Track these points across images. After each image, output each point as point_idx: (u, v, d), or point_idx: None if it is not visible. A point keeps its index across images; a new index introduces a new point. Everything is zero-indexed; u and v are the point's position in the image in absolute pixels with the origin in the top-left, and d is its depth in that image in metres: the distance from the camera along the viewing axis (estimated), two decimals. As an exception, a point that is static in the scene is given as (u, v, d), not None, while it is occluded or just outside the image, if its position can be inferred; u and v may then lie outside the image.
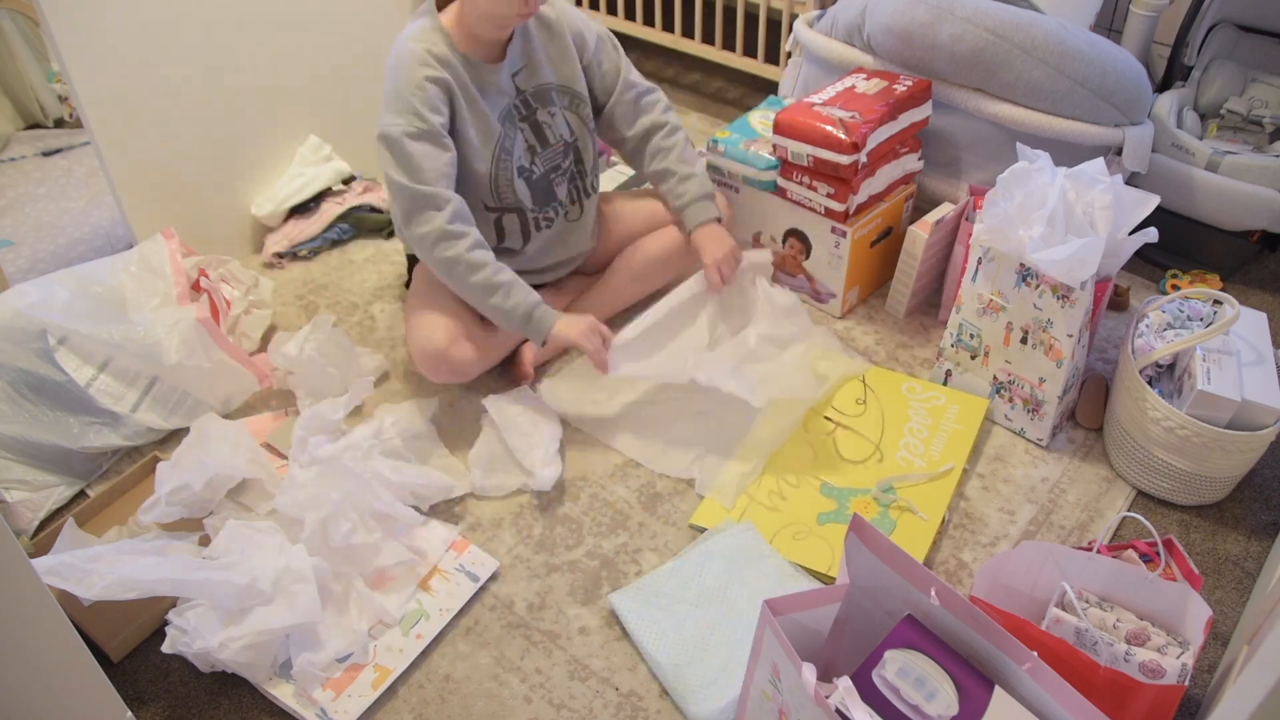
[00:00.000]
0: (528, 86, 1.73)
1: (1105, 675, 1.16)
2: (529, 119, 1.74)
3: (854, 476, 1.64)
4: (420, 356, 1.70)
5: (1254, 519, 1.60)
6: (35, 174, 2.54)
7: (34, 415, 1.64)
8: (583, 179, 1.85)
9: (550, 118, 1.77)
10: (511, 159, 1.73)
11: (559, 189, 1.81)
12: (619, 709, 1.36)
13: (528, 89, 1.73)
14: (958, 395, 1.75)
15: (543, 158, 1.77)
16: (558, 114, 1.78)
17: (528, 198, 1.77)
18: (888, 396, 1.77)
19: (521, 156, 1.74)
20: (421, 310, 1.73)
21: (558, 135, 1.78)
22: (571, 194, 1.84)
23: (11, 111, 2.69)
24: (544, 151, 1.77)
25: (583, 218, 1.87)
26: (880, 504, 1.59)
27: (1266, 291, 2.07)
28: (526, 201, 1.77)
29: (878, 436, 1.70)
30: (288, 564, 1.38)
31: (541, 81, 1.75)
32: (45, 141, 2.67)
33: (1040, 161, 1.60)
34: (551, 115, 1.77)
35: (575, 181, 1.84)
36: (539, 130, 1.76)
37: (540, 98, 1.75)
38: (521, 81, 1.72)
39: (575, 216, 1.86)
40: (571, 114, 1.79)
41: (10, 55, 2.60)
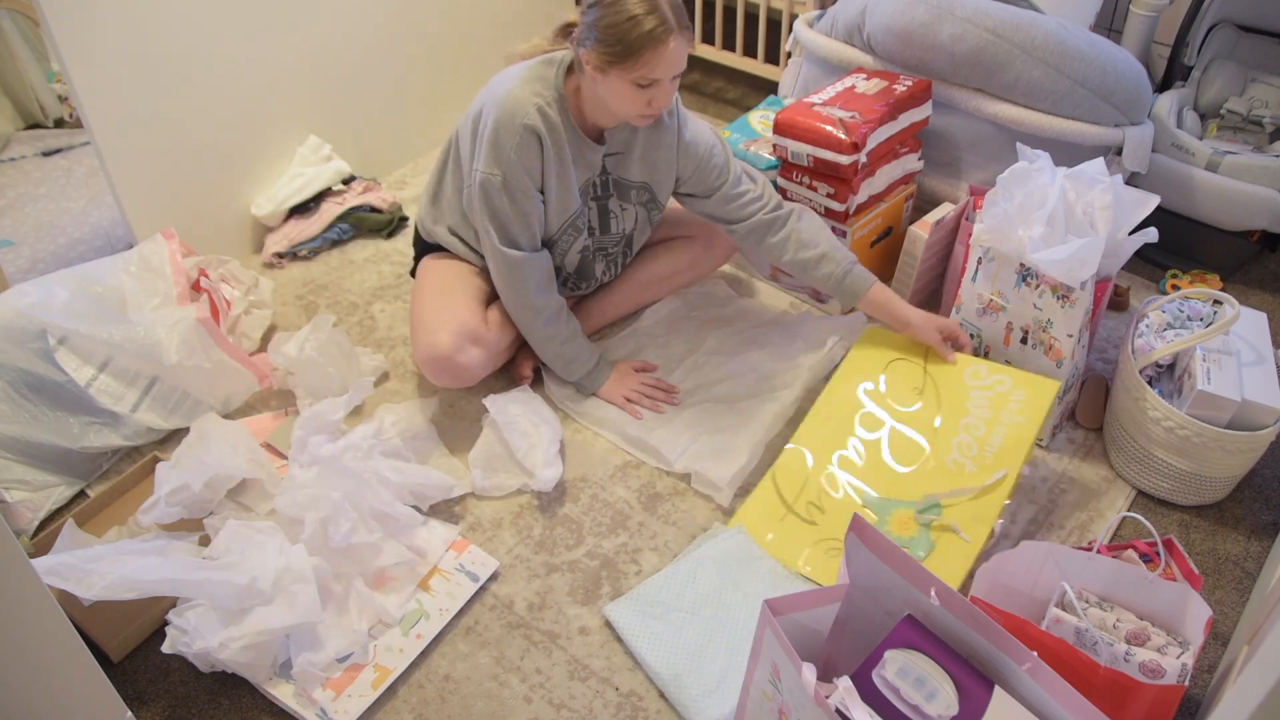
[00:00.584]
0: (613, 173, 1.72)
1: (1105, 675, 1.16)
2: (600, 201, 1.73)
3: (900, 486, 1.56)
4: (425, 361, 1.70)
5: (1254, 519, 1.60)
6: (35, 174, 2.54)
7: (34, 415, 1.64)
8: (625, 259, 1.88)
9: (620, 210, 1.77)
10: (579, 233, 1.73)
11: (597, 265, 1.83)
12: (619, 709, 1.36)
13: (613, 175, 1.72)
14: (1024, 378, 1.60)
15: (597, 240, 1.78)
16: (629, 209, 1.77)
17: (573, 266, 1.79)
18: (947, 386, 1.64)
19: (579, 235, 1.74)
20: (427, 311, 1.73)
21: (620, 227, 1.79)
22: (608, 270, 1.87)
23: (11, 111, 2.69)
24: (601, 236, 1.78)
25: (597, 288, 1.92)
26: (920, 523, 1.52)
27: (1266, 291, 2.07)
28: (568, 269, 1.79)
29: (931, 436, 1.60)
30: (288, 564, 1.38)
31: (627, 175, 1.73)
32: (45, 141, 2.67)
33: (1040, 161, 1.60)
34: (623, 209, 1.77)
35: (617, 261, 1.86)
36: (604, 216, 1.76)
37: (619, 187, 1.74)
38: (611, 165, 1.71)
39: (606, 280, 1.90)
40: (641, 210, 1.79)
41: (10, 55, 2.60)
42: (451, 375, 1.70)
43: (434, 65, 2.45)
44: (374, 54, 2.30)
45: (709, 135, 1.75)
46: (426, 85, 2.45)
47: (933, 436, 1.60)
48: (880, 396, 1.67)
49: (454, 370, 1.69)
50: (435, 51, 2.43)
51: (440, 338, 1.67)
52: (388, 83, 2.37)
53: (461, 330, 1.68)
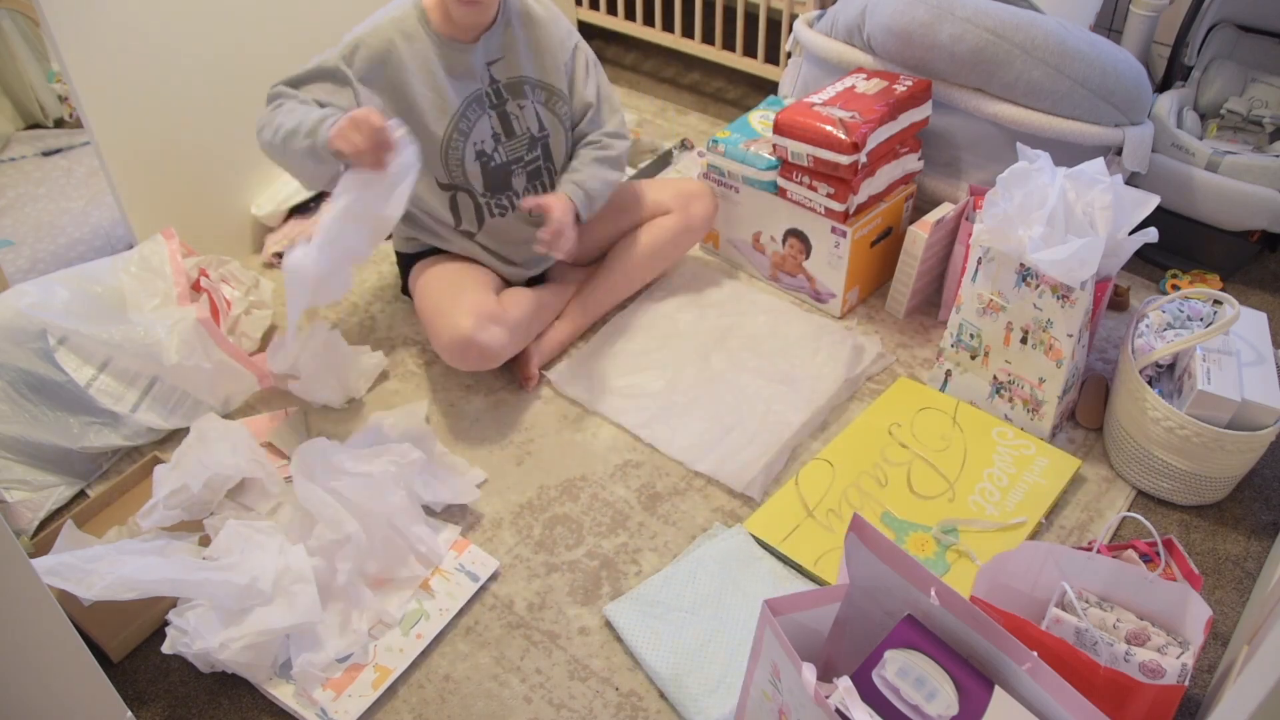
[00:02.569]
0: (502, 76, 1.75)
1: (1105, 675, 1.16)
2: (498, 108, 1.75)
3: (919, 512, 1.58)
4: (448, 344, 1.71)
5: (1254, 519, 1.60)
6: (35, 174, 2.54)
7: (34, 415, 1.64)
8: (550, 175, 1.86)
9: (519, 110, 1.78)
10: (467, 139, 1.74)
11: (516, 180, 1.82)
12: (619, 709, 1.36)
13: (501, 79, 1.75)
14: (1049, 450, 1.67)
15: (506, 147, 1.78)
16: (528, 107, 1.79)
17: (479, 181, 1.78)
18: (974, 437, 1.70)
19: (485, 141, 1.75)
20: (442, 302, 1.75)
21: (524, 127, 1.79)
22: (534, 189, 1.85)
23: (11, 111, 2.69)
24: (508, 141, 1.78)
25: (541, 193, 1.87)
26: (939, 544, 1.53)
27: (1266, 291, 2.07)
28: (477, 185, 1.78)
29: (954, 475, 1.64)
30: (288, 564, 1.38)
31: (517, 74, 1.76)
32: (45, 141, 2.66)
33: (1040, 161, 1.60)
34: (521, 108, 1.78)
35: (540, 177, 1.85)
36: (506, 120, 1.77)
37: (513, 89, 1.76)
38: (497, 71, 1.74)
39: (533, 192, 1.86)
40: (545, 109, 1.80)
41: (10, 55, 2.60)
42: (477, 355, 1.71)
43: (434, 65, 2.44)
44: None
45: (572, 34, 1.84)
46: (426, 85, 2.45)
47: (956, 477, 1.64)
48: (908, 435, 1.72)
49: (479, 350, 1.70)
50: (435, 51, 2.43)
51: (460, 320, 1.69)
52: (388, 83, 2.36)
53: (480, 311, 1.71)
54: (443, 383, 1.88)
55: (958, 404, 1.77)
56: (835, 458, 1.68)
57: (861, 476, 1.65)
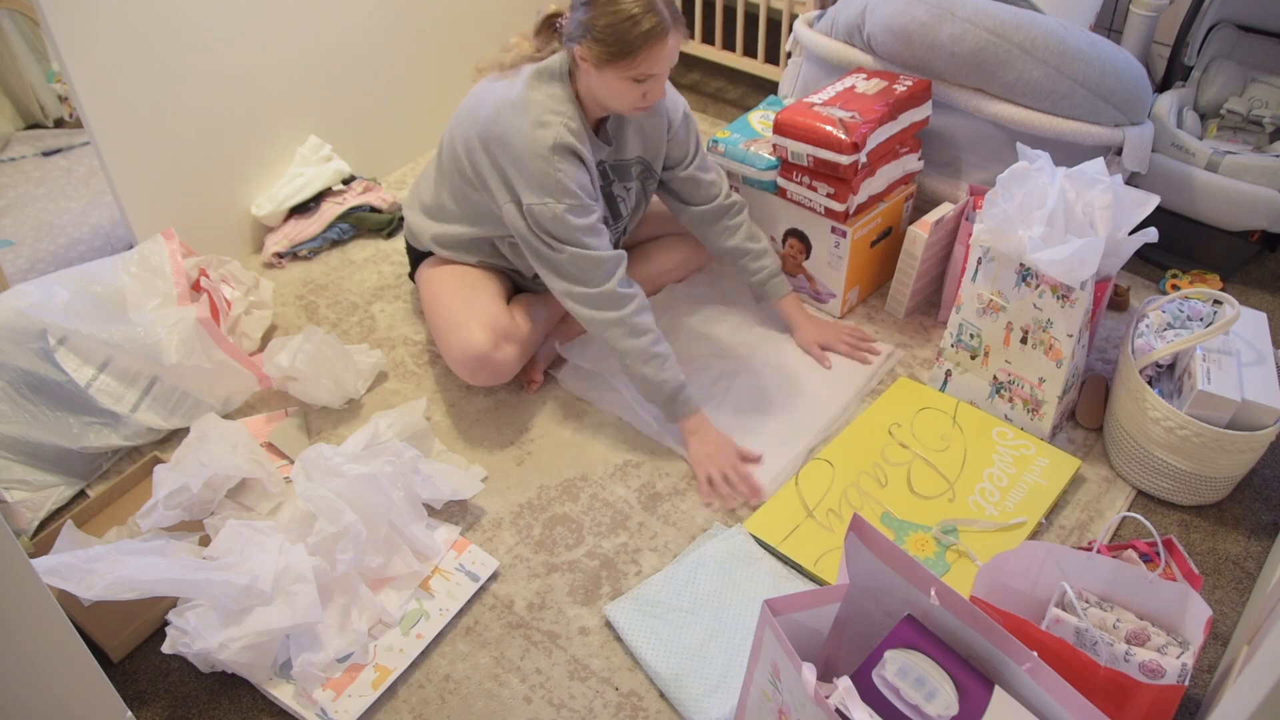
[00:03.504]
0: (610, 159, 1.71)
1: (1105, 675, 1.16)
2: (605, 189, 1.73)
3: (919, 512, 1.58)
4: (463, 360, 1.70)
5: (1254, 519, 1.60)
6: (35, 174, 2.54)
7: (34, 415, 1.64)
8: (621, 236, 1.87)
9: (625, 192, 1.77)
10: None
11: None
12: (619, 709, 1.36)
13: (609, 161, 1.71)
14: (1049, 450, 1.67)
15: (612, 229, 1.77)
16: (632, 187, 1.77)
17: None
18: (974, 437, 1.70)
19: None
20: (455, 312, 1.73)
21: (627, 208, 1.79)
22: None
23: (11, 111, 2.69)
24: (614, 224, 1.78)
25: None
26: (940, 544, 1.53)
27: (1266, 291, 2.07)
28: None
29: (954, 475, 1.64)
30: (288, 564, 1.38)
31: (625, 156, 1.73)
32: (45, 141, 2.66)
33: (1040, 161, 1.60)
34: (627, 190, 1.77)
35: (617, 239, 1.86)
36: (611, 202, 1.75)
37: (620, 171, 1.74)
38: (607, 154, 1.70)
39: None
40: (637, 184, 1.79)
41: (10, 55, 2.60)
42: (489, 372, 1.71)
43: (434, 65, 2.45)
44: (374, 54, 2.30)
45: (684, 103, 1.81)
46: (427, 85, 2.45)
47: (956, 477, 1.64)
48: (908, 435, 1.72)
49: (492, 367, 1.70)
50: (435, 52, 2.43)
51: (476, 336, 1.68)
52: (388, 83, 2.37)
53: (495, 327, 1.70)
54: (443, 383, 1.88)
55: (958, 404, 1.77)
56: (835, 458, 1.68)
57: (861, 476, 1.65)
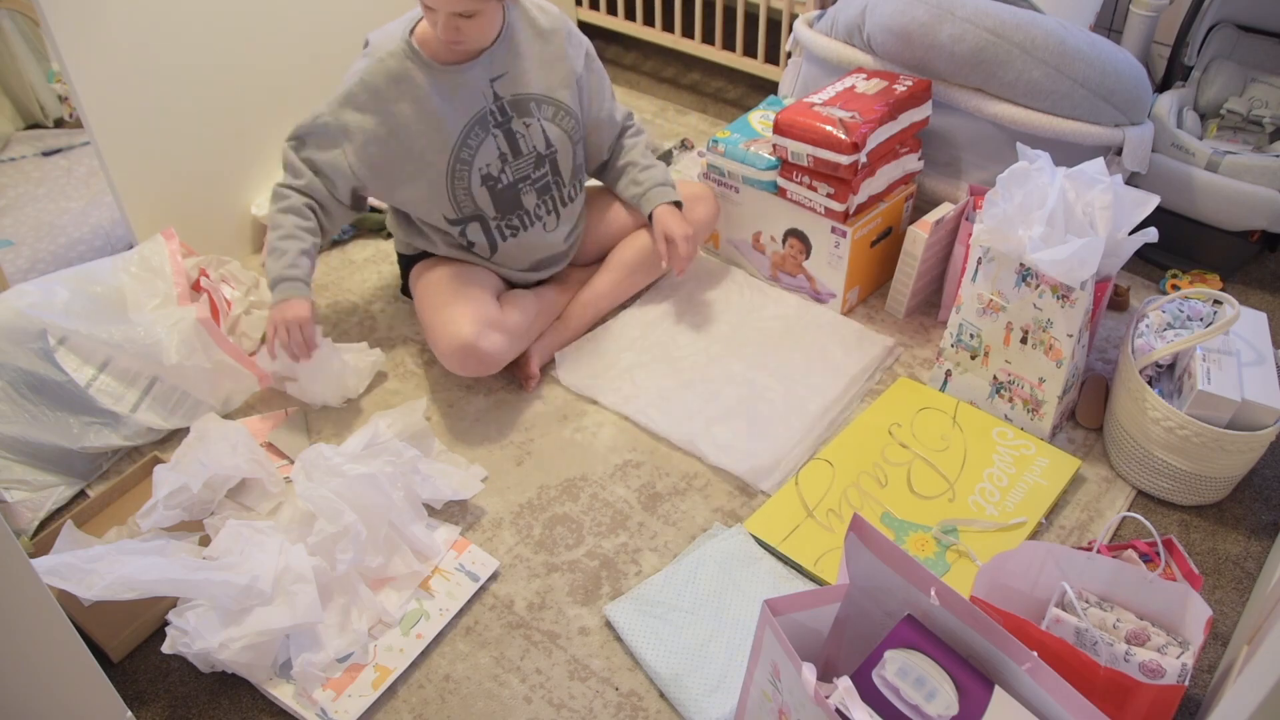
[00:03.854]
0: (506, 93, 1.72)
1: (1105, 675, 1.16)
2: (503, 126, 1.73)
3: (919, 512, 1.58)
4: (448, 351, 1.71)
5: (1254, 519, 1.60)
6: (35, 174, 2.54)
7: (34, 415, 1.64)
8: (559, 189, 1.85)
9: (525, 128, 1.76)
10: (471, 167, 1.72)
11: (526, 198, 1.81)
12: (619, 709, 1.36)
13: (506, 95, 1.72)
14: (1049, 449, 1.67)
15: (513, 167, 1.77)
16: (534, 124, 1.77)
17: (489, 205, 1.77)
18: (975, 437, 1.70)
19: (490, 164, 1.74)
20: (440, 307, 1.75)
21: (531, 146, 1.78)
22: (544, 204, 1.84)
23: (11, 111, 2.69)
24: (515, 160, 1.76)
25: (559, 226, 1.88)
26: (940, 544, 1.53)
27: (1266, 291, 2.07)
28: (488, 210, 1.77)
29: (954, 475, 1.64)
30: (288, 564, 1.38)
31: (521, 90, 1.74)
32: (45, 141, 2.66)
33: (1040, 161, 1.60)
34: (527, 125, 1.76)
35: (550, 192, 1.83)
36: (512, 139, 1.75)
37: (518, 106, 1.74)
38: (500, 87, 1.72)
39: (552, 226, 1.87)
40: (553, 125, 1.78)
41: (10, 55, 2.60)
42: (477, 362, 1.72)
43: (434, 65, 2.44)
44: (374, 54, 2.30)
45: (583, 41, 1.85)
46: (426, 85, 2.45)
47: (956, 477, 1.64)
48: (908, 435, 1.72)
49: (478, 356, 1.70)
50: (435, 51, 2.43)
51: (462, 326, 1.69)
52: (388, 83, 2.36)
53: (480, 318, 1.71)
54: (443, 382, 1.88)
55: (958, 404, 1.77)
56: (835, 458, 1.68)
57: (861, 476, 1.65)
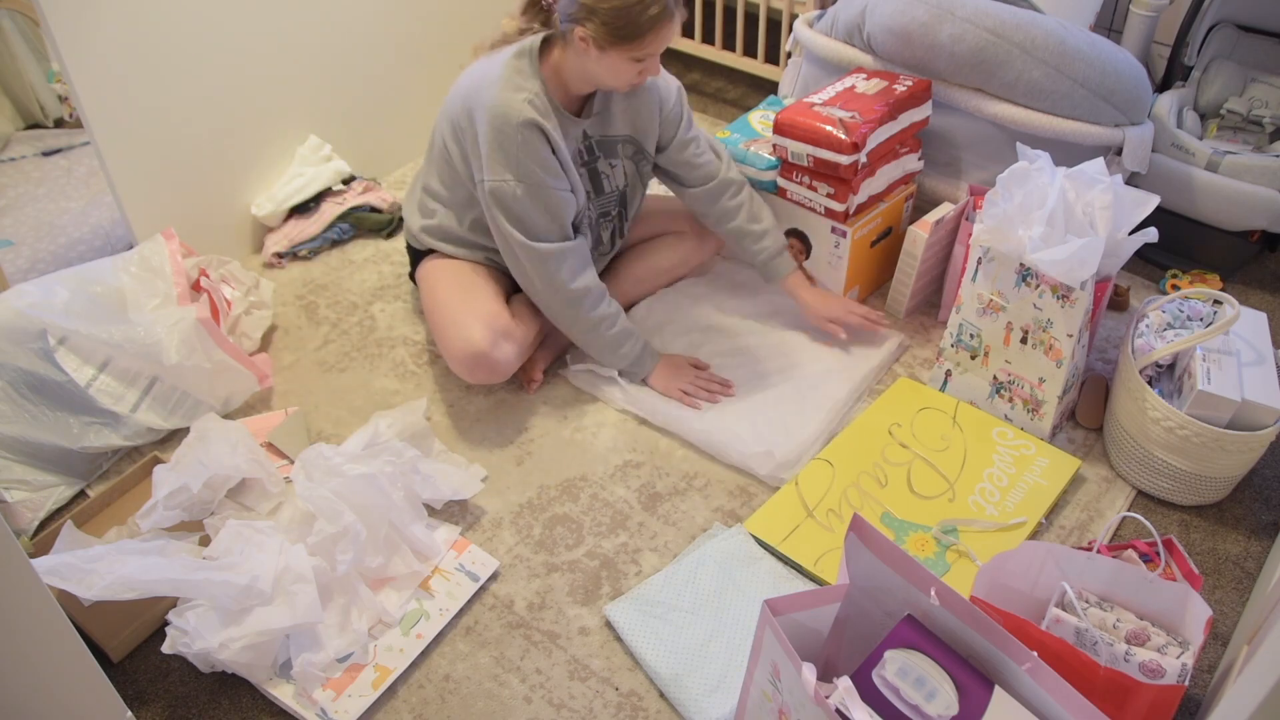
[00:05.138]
0: (595, 134, 1.73)
1: (1105, 675, 1.16)
2: (589, 165, 1.74)
3: (919, 512, 1.58)
4: (462, 359, 1.70)
5: (1254, 519, 1.60)
6: (35, 174, 2.54)
7: (34, 415, 1.64)
8: (623, 222, 1.88)
9: (610, 168, 1.77)
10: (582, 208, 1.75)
11: (604, 233, 1.85)
12: (619, 709, 1.36)
13: (594, 136, 1.73)
14: (1049, 449, 1.67)
15: (596, 204, 1.79)
16: (618, 165, 1.78)
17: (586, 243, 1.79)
18: (975, 437, 1.71)
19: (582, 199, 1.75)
20: (454, 311, 1.74)
21: (614, 185, 1.80)
22: (612, 238, 1.88)
23: (11, 111, 2.69)
24: (598, 199, 1.78)
25: (610, 253, 1.92)
26: (940, 544, 1.53)
27: (1266, 291, 2.07)
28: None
29: (954, 475, 1.64)
30: (288, 564, 1.38)
31: (609, 132, 1.74)
32: (45, 141, 2.66)
33: (1040, 161, 1.60)
34: (612, 166, 1.77)
35: (617, 225, 1.87)
36: (596, 178, 1.76)
37: (605, 147, 1.75)
38: (590, 128, 1.72)
39: (607, 253, 1.90)
40: (630, 163, 1.80)
41: (10, 55, 2.60)
42: (488, 371, 1.72)
43: (434, 65, 2.44)
44: (374, 54, 2.30)
45: (677, 84, 1.82)
46: (426, 85, 2.45)
47: (956, 477, 1.64)
48: (908, 435, 1.72)
49: (490, 365, 1.70)
50: (435, 51, 2.43)
51: (475, 334, 1.69)
52: (388, 83, 2.37)
53: (493, 326, 1.70)
54: (443, 382, 1.88)
55: (958, 404, 1.77)
56: (835, 458, 1.68)
57: (861, 476, 1.65)
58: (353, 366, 1.92)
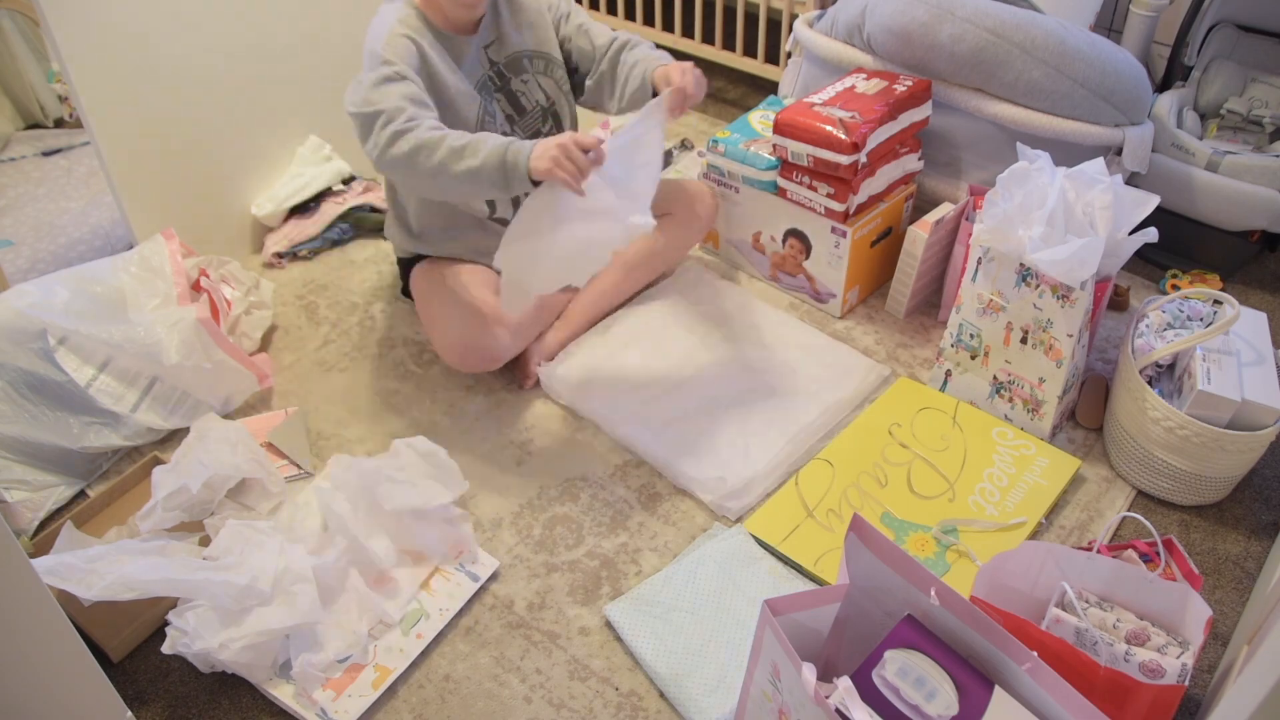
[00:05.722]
0: (499, 57, 1.75)
1: (1105, 675, 1.16)
2: (503, 89, 1.76)
3: (919, 512, 1.57)
4: (451, 346, 1.73)
5: (1254, 519, 1.60)
6: (35, 174, 2.54)
7: (34, 415, 1.64)
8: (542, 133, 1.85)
9: (524, 85, 1.78)
10: (494, 130, 1.74)
11: None
12: (619, 709, 1.36)
13: (500, 60, 1.75)
14: (1049, 449, 1.67)
15: (521, 125, 1.79)
16: (531, 80, 1.79)
17: None
18: (975, 437, 1.70)
19: (502, 126, 1.76)
20: (445, 304, 1.76)
21: (533, 101, 1.80)
22: None
23: (11, 111, 2.69)
24: (521, 120, 1.79)
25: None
26: (940, 544, 1.53)
27: (1266, 291, 2.07)
28: None
29: (954, 475, 1.64)
30: (288, 564, 1.38)
31: (512, 50, 1.76)
32: (45, 141, 2.67)
33: (1040, 161, 1.60)
34: (525, 83, 1.78)
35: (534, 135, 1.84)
36: (514, 99, 1.77)
37: (512, 67, 1.76)
38: (493, 53, 1.74)
39: None
40: (546, 78, 1.81)
41: (10, 55, 2.60)
42: (479, 358, 1.73)
43: (434, 65, 2.44)
44: (374, 54, 2.30)
45: None
46: (426, 85, 2.45)
47: (956, 477, 1.64)
48: (908, 435, 1.72)
49: (481, 352, 1.72)
50: (435, 51, 2.43)
51: (466, 323, 1.71)
52: (388, 83, 2.36)
53: (483, 312, 1.72)
54: (443, 383, 1.88)
55: (958, 404, 1.77)
56: (835, 458, 1.68)
57: (861, 476, 1.65)
58: (353, 366, 1.92)
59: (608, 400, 1.79)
